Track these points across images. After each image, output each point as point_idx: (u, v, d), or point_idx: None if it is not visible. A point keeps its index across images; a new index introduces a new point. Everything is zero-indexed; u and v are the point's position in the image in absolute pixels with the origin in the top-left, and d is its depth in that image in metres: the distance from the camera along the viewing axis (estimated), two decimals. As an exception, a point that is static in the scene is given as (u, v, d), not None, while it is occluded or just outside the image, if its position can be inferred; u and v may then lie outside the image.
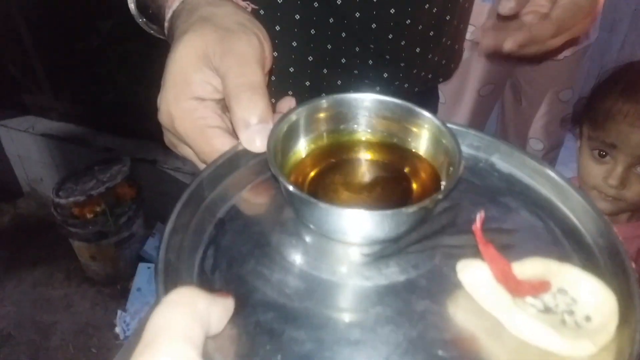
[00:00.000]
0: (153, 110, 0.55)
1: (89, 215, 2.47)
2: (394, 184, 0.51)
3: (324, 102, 0.53)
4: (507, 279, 0.43)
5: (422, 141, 0.54)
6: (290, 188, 0.42)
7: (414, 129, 0.54)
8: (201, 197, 0.46)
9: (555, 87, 1.62)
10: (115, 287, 2.62)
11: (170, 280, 0.38)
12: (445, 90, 1.62)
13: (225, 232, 0.45)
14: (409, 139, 0.54)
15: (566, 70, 1.58)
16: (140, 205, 2.59)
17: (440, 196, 0.46)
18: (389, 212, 0.43)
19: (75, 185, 2.53)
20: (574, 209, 0.52)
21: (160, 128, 0.56)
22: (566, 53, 1.47)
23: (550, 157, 1.81)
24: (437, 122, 0.52)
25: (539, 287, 0.44)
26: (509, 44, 0.65)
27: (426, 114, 0.52)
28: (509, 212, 0.54)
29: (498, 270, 0.43)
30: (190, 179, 0.48)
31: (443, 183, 0.51)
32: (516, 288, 0.43)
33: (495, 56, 1.22)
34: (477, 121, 1.64)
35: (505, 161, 0.57)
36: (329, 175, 0.50)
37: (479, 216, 0.44)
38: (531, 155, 0.56)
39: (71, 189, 2.52)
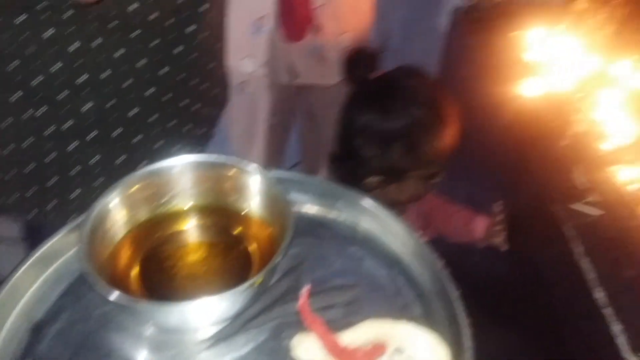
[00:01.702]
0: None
1: None
2: (230, 253, 0.50)
3: (136, 178, 0.48)
4: (339, 353, 0.43)
5: (252, 199, 0.51)
6: (110, 296, 0.38)
7: (242, 187, 0.51)
8: (13, 301, 0.42)
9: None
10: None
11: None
12: (239, 124, 1.59)
13: (43, 338, 0.41)
14: (239, 199, 0.51)
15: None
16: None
17: (271, 267, 0.45)
18: (216, 297, 0.41)
19: None
20: (414, 256, 0.53)
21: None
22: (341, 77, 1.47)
23: None
24: (264, 177, 0.50)
25: (373, 352, 0.45)
26: None
27: (252, 169, 0.50)
28: (354, 263, 0.54)
29: (328, 346, 0.43)
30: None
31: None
32: (350, 359, 0.44)
33: None
34: (275, 150, 1.63)
35: (351, 208, 0.57)
36: (158, 258, 0.47)
37: (304, 292, 0.44)
38: (375, 201, 0.56)
39: None
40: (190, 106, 0.88)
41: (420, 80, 1.06)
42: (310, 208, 0.57)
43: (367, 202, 0.56)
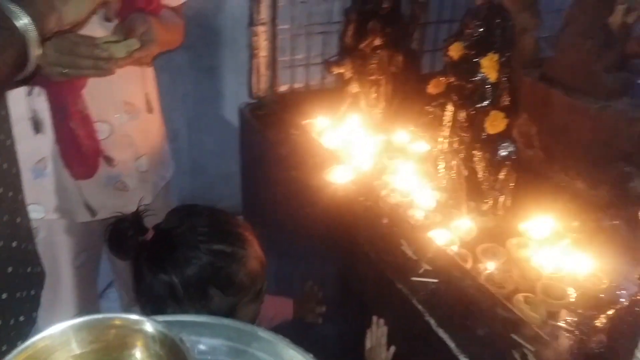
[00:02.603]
0: None
1: None
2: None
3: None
4: None
5: (145, 351, 0.44)
6: None
7: (133, 340, 0.44)
8: None
9: None
10: None
11: None
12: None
13: None
14: (132, 353, 0.44)
15: None
16: None
17: None
18: None
19: None
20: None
21: None
22: (148, 200, 1.31)
23: None
24: (154, 325, 0.42)
25: None
26: None
27: (140, 319, 0.43)
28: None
29: None
30: None
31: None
32: None
33: None
34: (86, 290, 1.50)
35: (264, 350, 0.51)
36: None
37: None
38: (287, 342, 0.52)
39: None
40: None
41: (197, 217, 1.00)
42: (222, 353, 0.50)
43: (283, 342, 0.51)
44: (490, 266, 1.16)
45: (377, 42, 1.61)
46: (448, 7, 2.03)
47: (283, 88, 1.87)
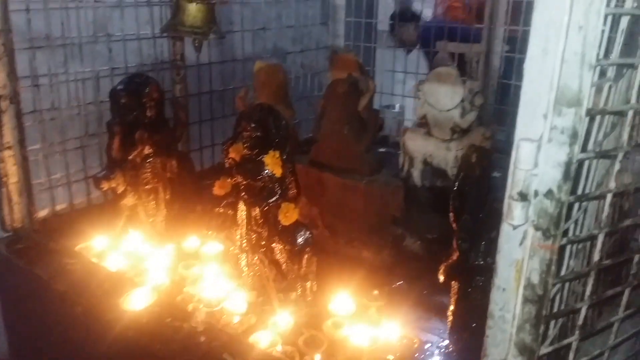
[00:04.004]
0: None
1: None
2: None
3: None
4: None
5: None
6: None
7: None
8: None
9: None
10: None
11: None
12: None
13: None
14: None
15: None
16: None
17: None
18: None
19: None
20: None
21: None
22: None
23: None
24: None
25: None
26: None
27: None
28: None
29: None
30: None
31: None
32: None
33: None
34: None
35: None
36: None
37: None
38: None
39: None
40: None
41: None
42: None
43: None
44: (316, 358, 1.16)
45: (147, 150, 1.54)
46: (206, 106, 2.08)
47: (43, 213, 1.65)
